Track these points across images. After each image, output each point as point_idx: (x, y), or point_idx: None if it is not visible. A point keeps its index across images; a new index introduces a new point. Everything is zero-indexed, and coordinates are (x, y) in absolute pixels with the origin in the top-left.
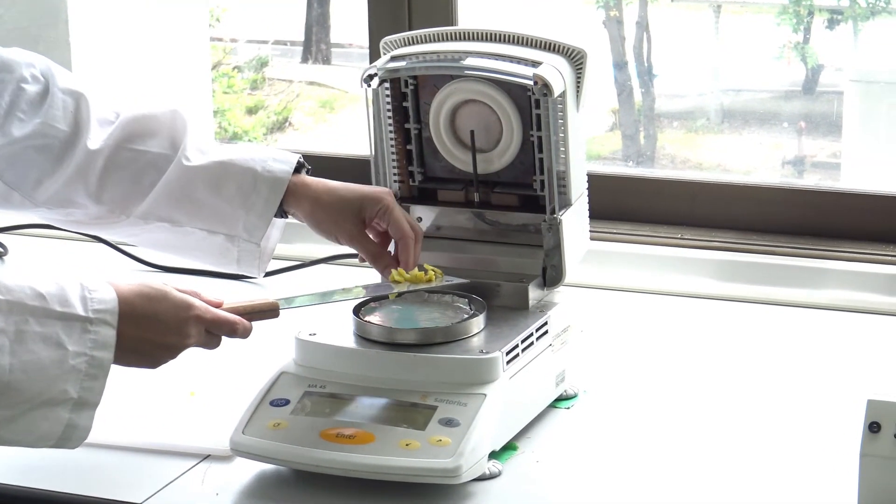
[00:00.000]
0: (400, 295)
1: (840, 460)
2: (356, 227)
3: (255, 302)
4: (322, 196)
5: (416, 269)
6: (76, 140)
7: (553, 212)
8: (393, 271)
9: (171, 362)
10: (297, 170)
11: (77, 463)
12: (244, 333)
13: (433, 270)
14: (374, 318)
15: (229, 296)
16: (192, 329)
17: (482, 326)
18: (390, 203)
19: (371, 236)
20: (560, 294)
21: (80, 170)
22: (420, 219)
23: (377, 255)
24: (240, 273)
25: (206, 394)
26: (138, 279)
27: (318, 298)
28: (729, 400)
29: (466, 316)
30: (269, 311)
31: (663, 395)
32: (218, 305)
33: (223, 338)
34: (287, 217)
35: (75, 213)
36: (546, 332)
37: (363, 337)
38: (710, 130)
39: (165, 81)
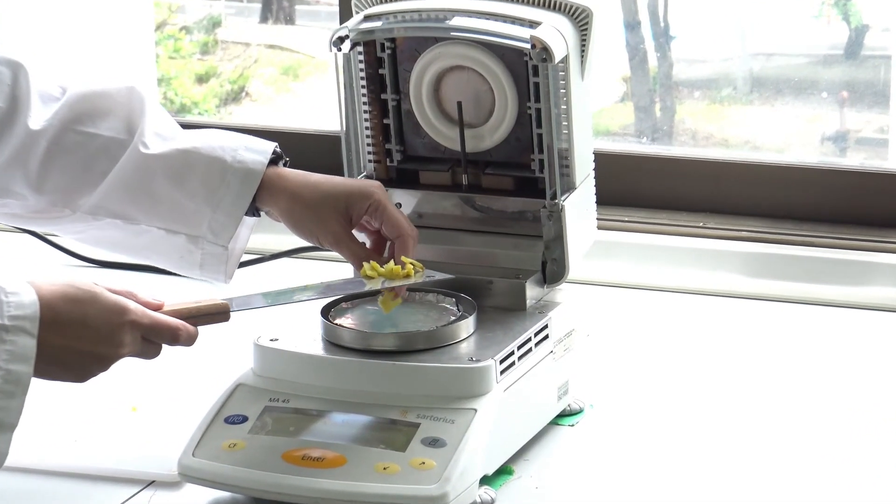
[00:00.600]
0: (377, 293)
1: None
2: (341, 226)
3: (202, 303)
4: (301, 191)
5: (392, 262)
6: (13, 118)
7: (554, 196)
8: (365, 265)
9: (105, 375)
10: (274, 161)
11: None
12: (188, 340)
13: (412, 264)
14: (346, 321)
15: (172, 296)
16: (126, 336)
17: (472, 330)
18: (382, 198)
19: (358, 237)
20: (562, 292)
21: (17, 154)
22: (399, 205)
23: (361, 258)
24: (202, 279)
25: (150, 409)
26: (63, 279)
27: (277, 298)
28: (760, 417)
29: (453, 318)
30: (217, 314)
31: (682, 410)
32: (157, 308)
33: (164, 346)
34: (259, 215)
35: (11, 204)
36: (546, 336)
37: (333, 343)
38: (736, 101)
39: (99, 44)
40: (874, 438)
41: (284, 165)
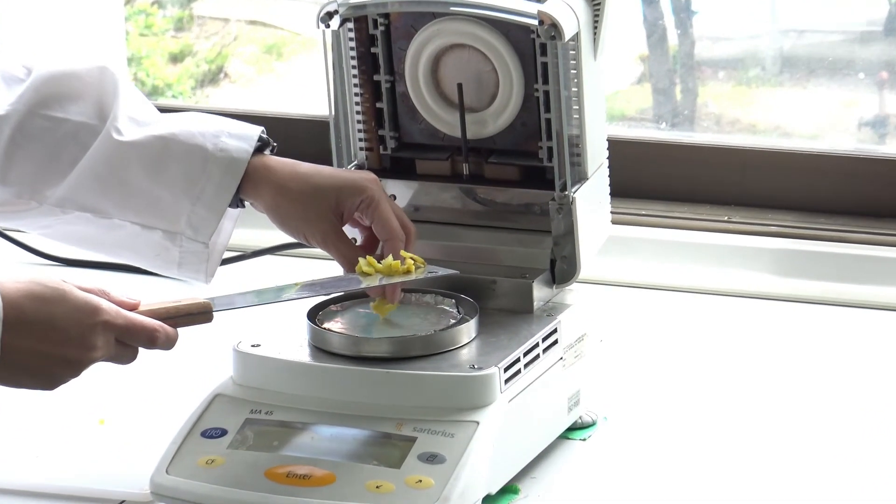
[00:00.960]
0: (373, 292)
1: None
2: (331, 224)
3: (181, 302)
4: (289, 183)
5: (391, 257)
6: None
7: (564, 188)
8: (361, 261)
9: (74, 381)
10: (259, 148)
11: None
12: (167, 343)
13: (412, 259)
14: (336, 325)
15: (148, 294)
16: (98, 338)
17: (473, 335)
18: (376, 194)
19: (349, 235)
20: (573, 293)
21: None
22: (393, 196)
23: (351, 260)
24: (181, 279)
25: (120, 422)
26: (29, 275)
27: (263, 297)
28: (794, 435)
29: (453, 321)
30: (199, 314)
31: (705, 423)
32: (133, 308)
33: (140, 349)
34: (243, 206)
35: None
36: (555, 341)
37: (321, 349)
38: (765, 83)
39: (63, 20)
40: None
41: (271, 152)
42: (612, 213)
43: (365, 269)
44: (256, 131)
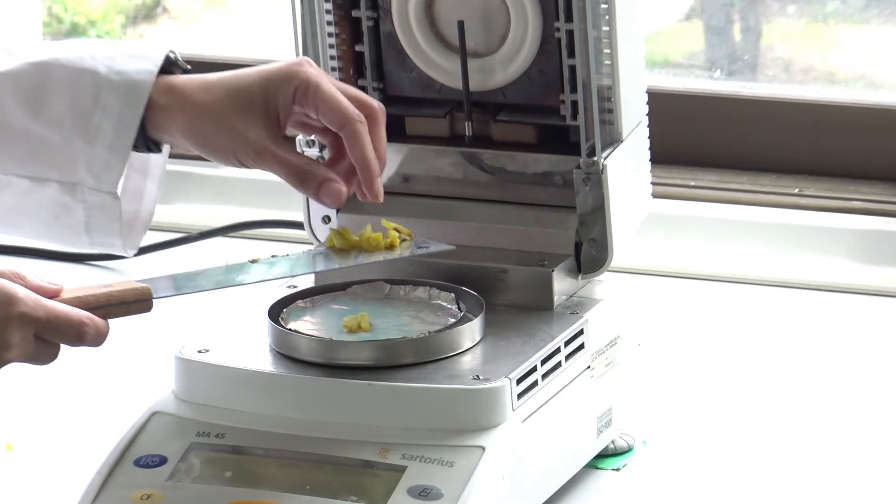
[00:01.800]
0: (347, 287)
1: None
2: (265, 130)
3: (113, 287)
4: (202, 96)
5: (369, 229)
6: None
7: (592, 152)
8: (331, 232)
9: None
10: (167, 70)
11: None
12: (96, 338)
13: (396, 230)
14: (304, 325)
15: (70, 280)
16: (13, 334)
17: (478, 338)
18: (311, 75)
19: (313, 155)
20: (604, 285)
21: None
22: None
23: (304, 171)
24: (95, 251)
25: (32, 447)
26: None
27: (213, 279)
28: (872, 454)
29: (453, 321)
30: (134, 302)
31: (771, 449)
32: (54, 295)
33: (62, 347)
34: (160, 150)
35: None
36: (581, 346)
37: (286, 355)
38: (847, 19)
39: None
40: None
41: (184, 73)
42: (652, 184)
43: (337, 243)
44: (162, 51)
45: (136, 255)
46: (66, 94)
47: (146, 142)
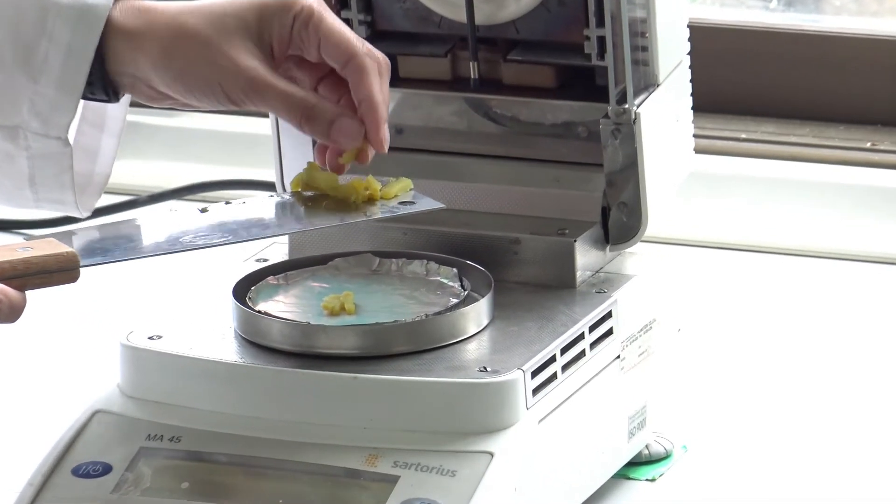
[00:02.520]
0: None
1: None
2: (258, 61)
3: (33, 252)
4: (180, 18)
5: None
6: None
7: (623, 99)
8: (299, 176)
9: None
10: None
11: None
12: (10, 315)
13: (372, 182)
14: (276, 306)
15: None
16: None
17: (485, 322)
18: (313, 3)
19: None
20: (637, 258)
21: None
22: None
23: (310, 104)
24: (42, 209)
25: None
26: None
27: (152, 244)
28: None
29: (455, 301)
30: (57, 271)
31: (835, 456)
32: None
33: None
34: (118, 97)
35: None
36: (610, 331)
37: (254, 342)
38: None
39: None
40: None
41: None
42: (695, 136)
43: (302, 189)
44: None
45: (71, 222)
46: (4, 21)
47: (104, 83)
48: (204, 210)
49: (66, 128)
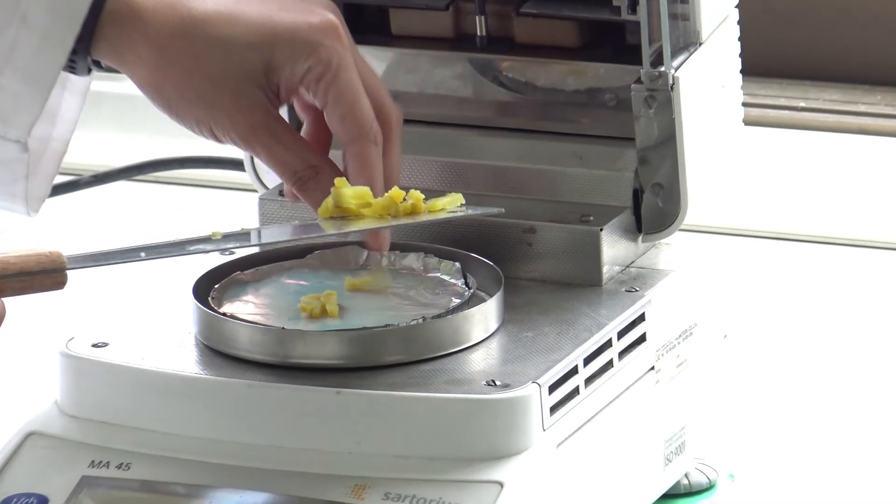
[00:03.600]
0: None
1: None
2: (259, 107)
3: (11, 254)
4: (175, 39)
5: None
6: None
7: (659, 61)
8: (328, 198)
9: None
10: None
11: None
12: None
13: (414, 193)
14: (245, 307)
15: None
16: None
17: (494, 326)
18: (335, 55)
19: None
20: (674, 251)
21: None
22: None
23: (305, 178)
24: None
25: None
26: None
27: (162, 247)
28: None
29: (457, 301)
30: (40, 273)
31: None
32: None
33: None
34: (98, 67)
35: None
36: (642, 338)
37: (218, 350)
38: None
39: None
40: None
41: None
42: (745, 106)
43: (340, 204)
44: None
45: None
46: None
47: (88, 67)
48: (212, 235)
49: (28, 129)
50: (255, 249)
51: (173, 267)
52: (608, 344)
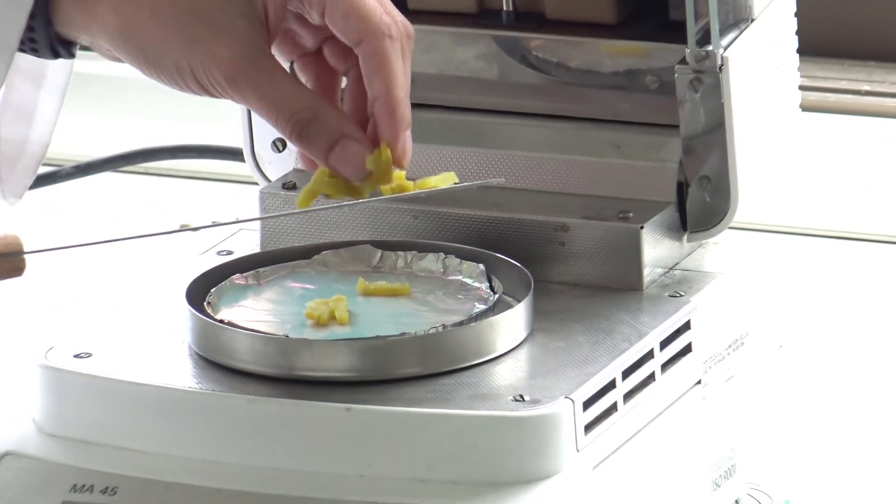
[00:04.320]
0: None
1: None
2: (246, 40)
3: None
4: None
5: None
6: None
7: (706, 39)
8: (308, 186)
9: None
10: None
11: None
12: None
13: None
14: (245, 314)
15: None
16: None
17: (522, 335)
18: None
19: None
20: (723, 251)
21: None
22: None
23: (304, 115)
24: None
25: None
26: None
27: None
28: None
29: (482, 307)
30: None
31: None
32: None
33: None
34: (71, 55)
35: None
36: (688, 348)
37: (214, 362)
38: None
39: None
40: None
41: None
42: (802, 89)
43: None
44: None
45: None
46: None
47: (50, 41)
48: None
49: None
50: (256, 247)
51: (165, 268)
52: (649, 355)
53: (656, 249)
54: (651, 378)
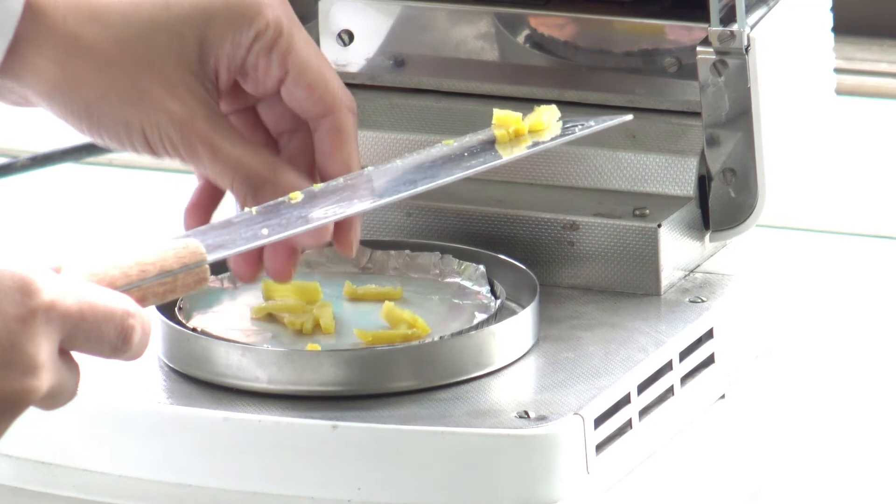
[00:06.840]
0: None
1: None
2: (197, 97)
3: (144, 256)
4: (86, 31)
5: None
6: None
7: (729, 18)
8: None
9: None
10: None
11: None
12: (143, 339)
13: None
14: (219, 321)
15: None
16: (40, 343)
17: (528, 344)
18: (281, 19)
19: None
20: (747, 251)
21: None
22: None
23: (259, 174)
24: None
25: None
26: None
27: (282, 222)
28: None
29: (482, 316)
30: (182, 271)
31: None
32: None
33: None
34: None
35: None
36: (710, 359)
37: (185, 374)
38: None
39: None
40: None
41: None
42: (837, 72)
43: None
44: None
45: None
46: None
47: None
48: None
49: None
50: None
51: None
52: (668, 367)
53: (675, 250)
54: (669, 392)
